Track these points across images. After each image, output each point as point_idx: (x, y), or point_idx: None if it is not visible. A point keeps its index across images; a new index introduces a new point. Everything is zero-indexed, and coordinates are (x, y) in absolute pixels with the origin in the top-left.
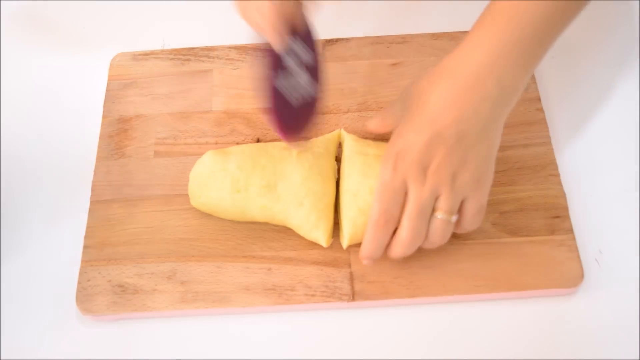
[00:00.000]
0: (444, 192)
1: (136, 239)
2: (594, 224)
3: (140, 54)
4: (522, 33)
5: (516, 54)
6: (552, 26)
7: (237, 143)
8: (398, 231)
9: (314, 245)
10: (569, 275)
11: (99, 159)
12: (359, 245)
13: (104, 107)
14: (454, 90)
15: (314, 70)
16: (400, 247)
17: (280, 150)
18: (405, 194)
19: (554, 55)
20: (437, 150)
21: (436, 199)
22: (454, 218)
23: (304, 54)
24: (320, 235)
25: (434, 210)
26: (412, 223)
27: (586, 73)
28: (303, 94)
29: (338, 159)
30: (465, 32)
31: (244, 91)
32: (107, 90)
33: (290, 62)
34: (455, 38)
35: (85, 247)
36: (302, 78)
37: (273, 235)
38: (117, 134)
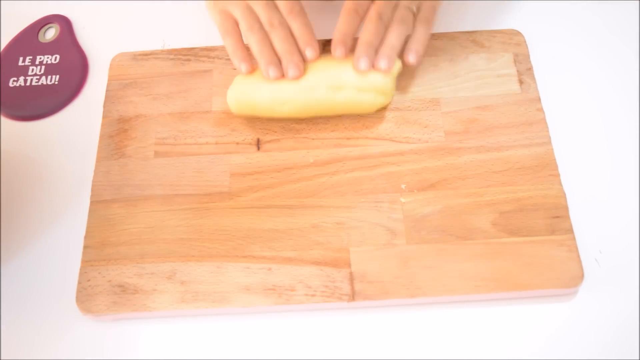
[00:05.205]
0: None
1: (136, 239)
2: (594, 224)
3: (140, 54)
4: None
5: None
6: None
7: (237, 143)
8: (367, 16)
9: (314, 245)
10: (569, 275)
11: (99, 159)
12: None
13: (104, 107)
14: None
15: None
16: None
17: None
18: None
19: (554, 55)
20: None
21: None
22: (414, 8)
23: None
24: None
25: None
26: (381, 9)
27: (586, 73)
28: None
29: None
30: (465, 32)
31: None
32: (107, 90)
33: None
34: (455, 38)
35: (85, 247)
36: None
37: (273, 235)
38: (117, 134)
